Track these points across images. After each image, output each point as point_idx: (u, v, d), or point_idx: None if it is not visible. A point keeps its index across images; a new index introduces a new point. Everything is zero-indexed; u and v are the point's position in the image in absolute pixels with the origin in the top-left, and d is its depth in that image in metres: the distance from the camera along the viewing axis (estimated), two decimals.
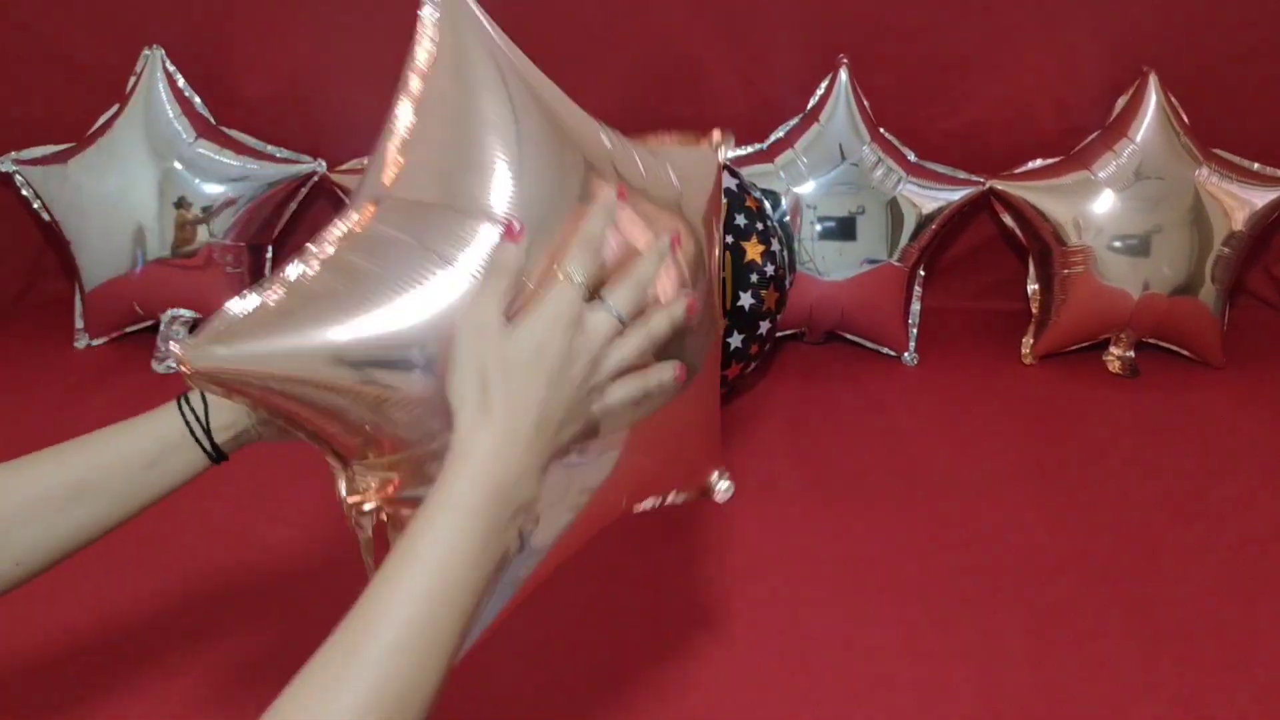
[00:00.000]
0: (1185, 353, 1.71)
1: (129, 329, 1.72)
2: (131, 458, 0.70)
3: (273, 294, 0.60)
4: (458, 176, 0.63)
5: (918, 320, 1.74)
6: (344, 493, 0.69)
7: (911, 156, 1.70)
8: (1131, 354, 1.69)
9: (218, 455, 0.74)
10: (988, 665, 1.11)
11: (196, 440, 0.72)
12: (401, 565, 0.55)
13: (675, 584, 1.22)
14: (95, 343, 1.72)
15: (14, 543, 0.67)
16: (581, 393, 0.60)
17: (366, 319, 0.60)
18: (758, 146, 1.72)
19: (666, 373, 0.65)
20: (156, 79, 1.64)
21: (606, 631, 1.15)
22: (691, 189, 0.75)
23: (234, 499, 1.34)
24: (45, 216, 1.68)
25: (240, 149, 1.68)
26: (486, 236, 0.60)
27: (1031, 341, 1.74)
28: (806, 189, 1.65)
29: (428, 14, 0.67)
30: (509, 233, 0.59)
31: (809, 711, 1.06)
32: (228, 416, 0.73)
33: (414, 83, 0.66)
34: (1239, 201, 1.63)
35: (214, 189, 1.64)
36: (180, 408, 0.72)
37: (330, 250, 0.62)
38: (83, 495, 0.69)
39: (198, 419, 0.72)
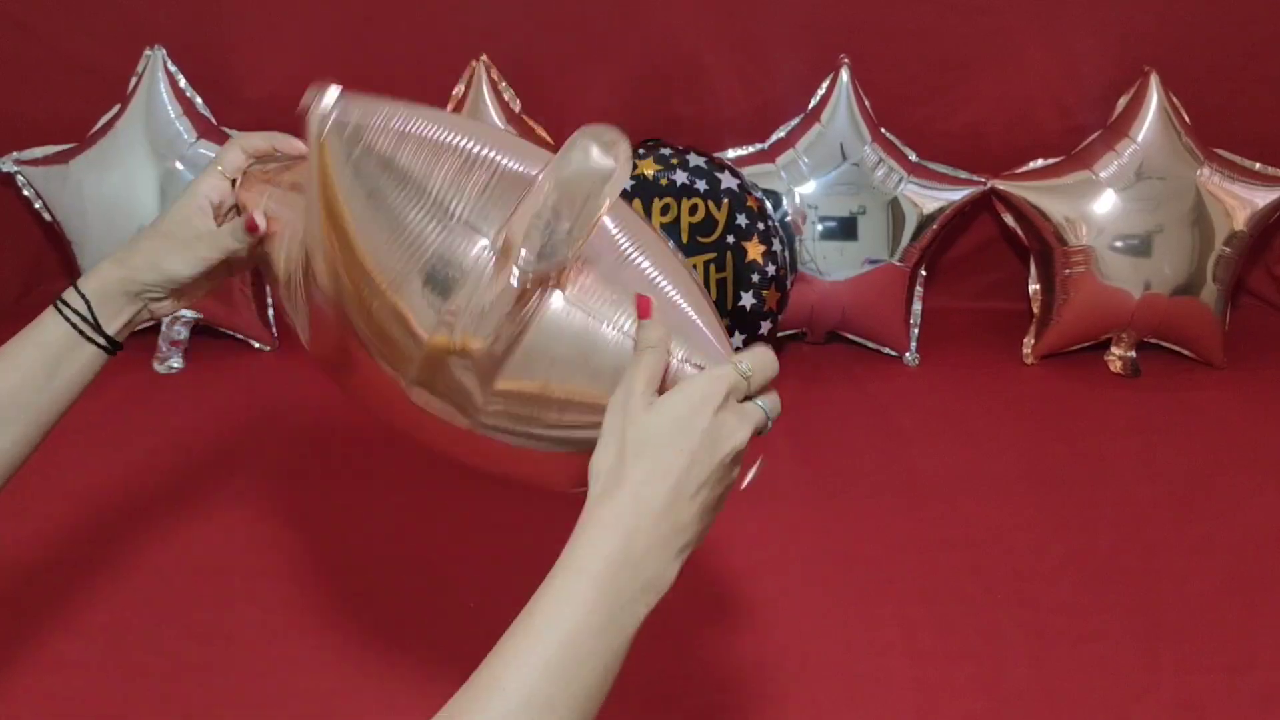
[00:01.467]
0: (1187, 353, 1.71)
1: None
2: (31, 372, 0.71)
3: None
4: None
5: (919, 320, 1.74)
6: None
7: (913, 156, 1.70)
8: (1133, 354, 1.69)
9: (112, 346, 0.75)
10: (988, 665, 1.11)
11: (87, 338, 0.72)
12: (518, 635, 0.52)
13: (675, 584, 1.22)
14: None
15: None
16: (724, 481, 0.58)
17: None
18: (759, 146, 1.72)
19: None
20: (158, 79, 1.64)
21: None
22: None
23: (235, 501, 1.34)
24: (47, 217, 1.68)
25: None
26: None
27: (1033, 341, 1.74)
28: (808, 189, 1.65)
29: None
30: (643, 309, 0.58)
31: (809, 711, 1.06)
32: (113, 306, 0.74)
33: None
34: (1240, 201, 1.63)
35: None
36: (60, 310, 0.73)
37: None
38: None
39: (82, 316, 0.72)
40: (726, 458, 0.57)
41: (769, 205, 1.56)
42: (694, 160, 1.47)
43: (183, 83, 1.68)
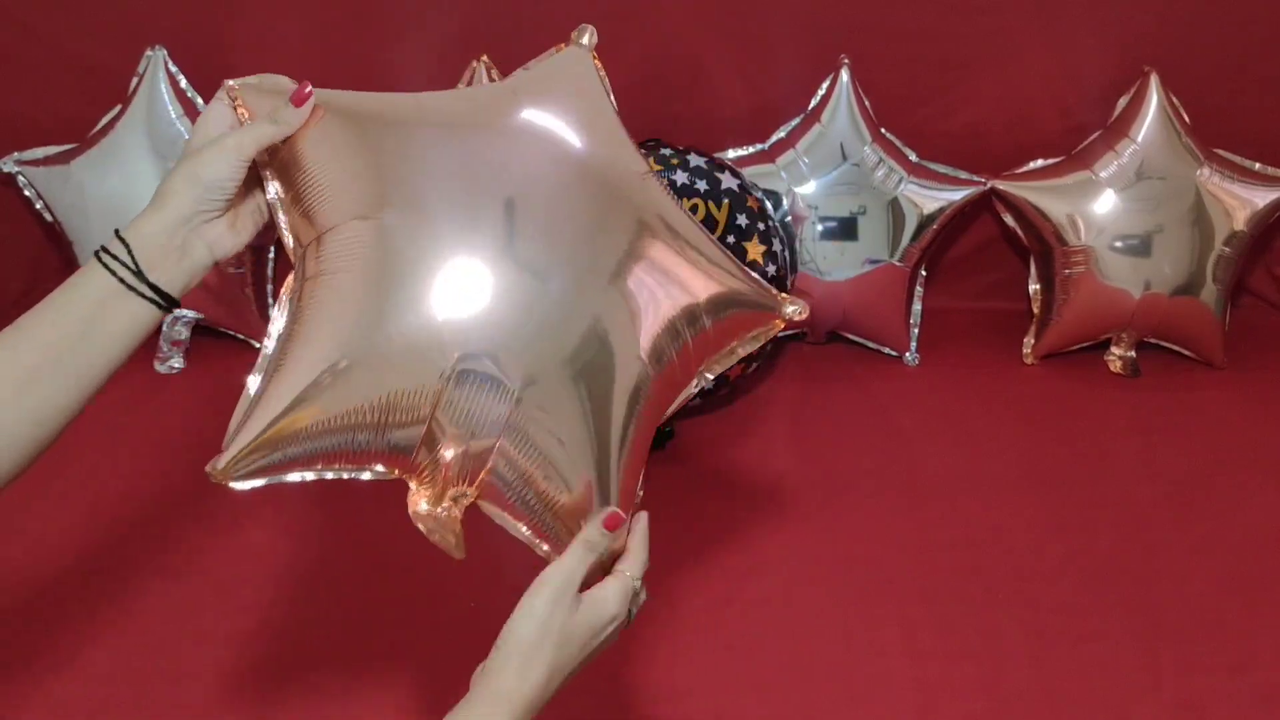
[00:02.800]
0: (1187, 353, 1.71)
1: None
2: (67, 324, 0.64)
3: (270, 365, 0.66)
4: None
5: (919, 320, 1.74)
6: (424, 507, 0.71)
7: (913, 156, 1.70)
8: (1133, 354, 1.69)
9: (164, 299, 0.66)
10: (988, 665, 1.11)
11: (129, 287, 0.64)
12: None
13: (675, 584, 1.22)
14: None
15: None
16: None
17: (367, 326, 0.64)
18: (759, 146, 1.72)
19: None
20: (159, 80, 1.64)
21: None
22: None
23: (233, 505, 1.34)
24: (47, 217, 1.68)
25: None
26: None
27: (1033, 341, 1.74)
28: (808, 189, 1.65)
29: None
30: (611, 523, 0.67)
31: (809, 711, 1.06)
32: (158, 246, 0.65)
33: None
34: (1240, 201, 1.63)
35: None
36: (100, 258, 0.65)
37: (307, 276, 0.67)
38: (30, 380, 0.63)
39: (124, 263, 0.64)
40: (602, 651, 0.68)
41: (769, 205, 1.56)
42: (694, 160, 1.47)
43: (184, 83, 1.68)
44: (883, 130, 1.69)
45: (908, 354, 1.73)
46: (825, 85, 1.68)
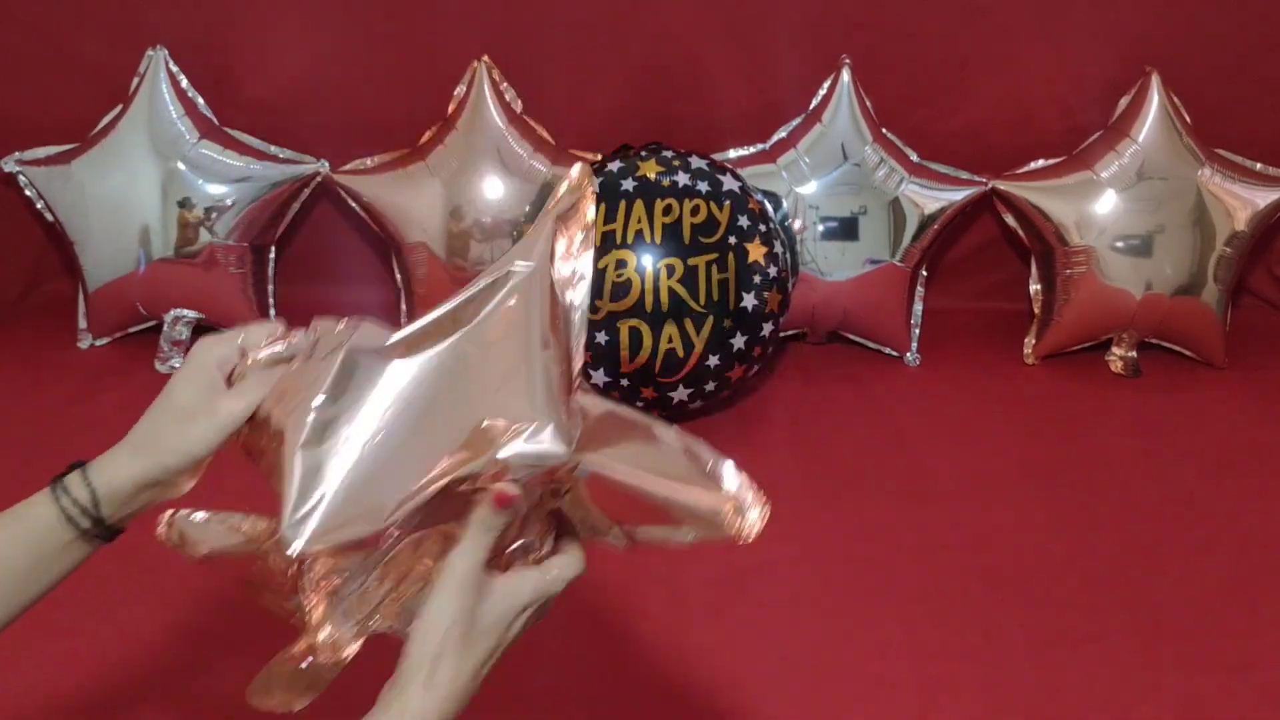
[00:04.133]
0: (1188, 353, 1.71)
1: (132, 329, 1.73)
2: (10, 564, 0.65)
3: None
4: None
5: (920, 320, 1.74)
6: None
7: (914, 156, 1.70)
8: (1134, 354, 1.69)
9: (111, 536, 0.68)
10: (989, 665, 1.11)
11: (82, 530, 0.66)
12: None
13: (676, 584, 1.22)
14: (99, 343, 1.73)
15: None
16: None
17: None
18: (760, 147, 1.73)
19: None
20: (160, 79, 1.64)
21: (607, 632, 1.15)
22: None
23: None
24: (49, 217, 1.68)
25: (243, 149, 1.68)
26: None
27: (1034, 341, 1.74)
28: (809, 189, 1.65)
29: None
30: (500, 501, 0.60)
31: (809, 711, 1.06)
32: (123, 497, 0.67)
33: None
34: (1241, 201, 1.63)
35: (217, 189, 1.65)
36: (60, 501, 0.66)
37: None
38: None
39: (85, 509, 0.66)
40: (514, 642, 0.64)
41: (769, 207, 1.56)
42: (696, 163, 1.48)
43: (185, 83, 1.68)
44: (884, 130, 1.69)
45: (908, 354, 1.73)
46: (826, 85, 1.69)
